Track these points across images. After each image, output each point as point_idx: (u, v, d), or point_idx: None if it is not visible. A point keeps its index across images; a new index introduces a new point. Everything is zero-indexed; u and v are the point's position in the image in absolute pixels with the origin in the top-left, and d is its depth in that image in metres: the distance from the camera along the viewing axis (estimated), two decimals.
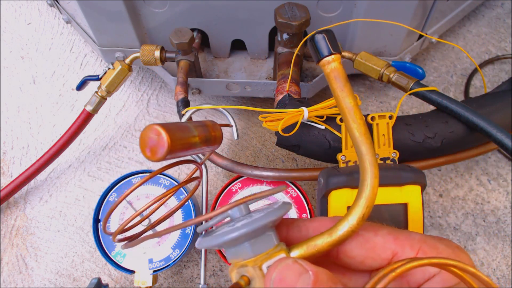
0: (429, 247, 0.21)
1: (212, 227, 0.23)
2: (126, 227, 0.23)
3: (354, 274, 0.23)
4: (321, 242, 0.22)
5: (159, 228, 0.42)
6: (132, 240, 0.23)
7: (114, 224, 0.43)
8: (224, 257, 0.41)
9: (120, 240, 0.23)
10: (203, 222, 0.23)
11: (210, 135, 0.23)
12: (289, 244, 0.22)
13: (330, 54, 0.23)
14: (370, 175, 0.22)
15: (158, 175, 0.44)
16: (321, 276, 0.19)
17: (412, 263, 0.19)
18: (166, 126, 0.19)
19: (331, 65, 0.24)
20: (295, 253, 0.22)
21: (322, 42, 0.24)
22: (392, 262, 0.21)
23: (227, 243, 0.21)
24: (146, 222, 0.41)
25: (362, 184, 0.22)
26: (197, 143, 0.22)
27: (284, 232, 0.24)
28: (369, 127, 0.36)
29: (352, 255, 0.22)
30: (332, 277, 0.19)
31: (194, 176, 0.26)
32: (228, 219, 0.23)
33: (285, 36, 0.41)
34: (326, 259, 0.23)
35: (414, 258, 0.19)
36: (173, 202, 0.43)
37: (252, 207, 0.26)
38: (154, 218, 0.42)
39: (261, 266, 0.20)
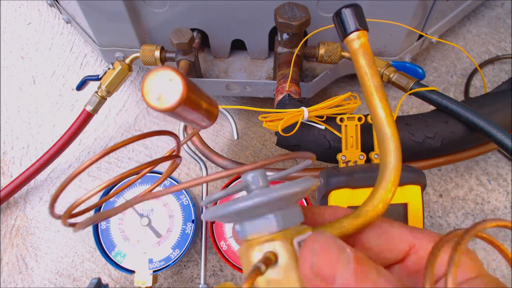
0: (444, 241, 0.20)
1: (216, 202, 0.21)
2: (75, 211, 0.20)
3: None
4: (348, 225, 0.20)
5: (159, 229, 0.42)
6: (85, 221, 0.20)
7: (114, 224, 0.42)
8: (224, 257, 0.41)
9: (72, 224, 0.20)
10: (192, 209, 0.21)
11: (212, 107, 0.20)
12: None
13: (358, 29, 0.22)
14: (394, 157, 0.20)
15: (157, 174, 0.44)
16: (361, 255, 0.18)
17: (478, 226, 0.17)
18: (182, 74, 0.16)
19: (360, 40, 0.22)
20: None
21: (349, 17, 0.22)
22: (419, 256, 0.20)
23: (248, 211, 0.18)
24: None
25: (385, 166, 0.20)
26: (203, 107, 0.19)
27: None
28: (369, 127, 0.36)
29: (369, 246, 0.21)
30: (371, 259, 0.18)
31: (171, 155, 0.22)
32: (237, 196, 0.20)
33: (285, 36, 0.41)
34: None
35: (477, 224, 0.17)
36: (173, 202, 0.43)
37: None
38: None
39: (292, 241, 0.18)
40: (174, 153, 0.22)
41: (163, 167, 0.49)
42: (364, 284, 0.16)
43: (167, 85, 0.16)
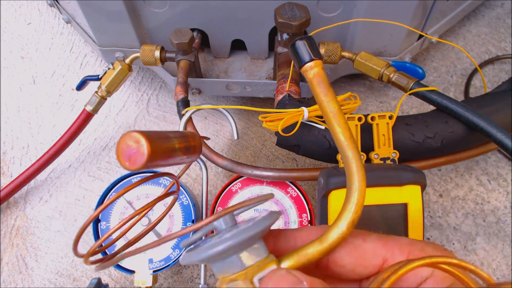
0: (418, 250, 0.21)
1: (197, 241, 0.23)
2: (98, 248, 0.23)
3: (344, 284, 0.23)
4: (312, 251, 0.21)
5: (159, 229, 0.42)
6: (105, 261, 0.22)
7: (114, 225, 0.43)
8: None
9: (93, 262, 0.22)
10: (189, 234, 0.22)
11: (190, 145, 0.22)
12: (277, 256, 0.21)
13: (311, 59, 0.23)
14: (357, 179, 0.21)
15: (158, 169, 0.44)
16: (316, 286, 0.19)
17: (407, 265, 0.18)
18: (145, 133, 0.18)
19: (313, 70, 0.24)
20: (285, 264, 0.21)
21: (303, 48, 0.24)
22: (383, 268, 0.21)
23: (214, 257, 0.19)
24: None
25: (350, 188, 0.21)
26: (177, 151, 0.21)
27: (271, 243, 0.23)
28: (369, 127, 0.36)
29: (342, 264, 0.22)
30: (327, 286, 0.19)
31: (170, 191, 0.25)
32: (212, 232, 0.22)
33: (285, 36, 0.41)
34: (316, 270, 0.22)
35: (408, 261, 0.19)
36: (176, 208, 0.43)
37: (241, 217, 0.25)
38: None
39: (252, 279, 0.20)
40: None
41: (174, 171, 0.49)
42: None
43: (134, 148, 0.18)
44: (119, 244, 0.41)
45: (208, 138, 0.29)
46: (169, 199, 0.43)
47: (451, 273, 0.19)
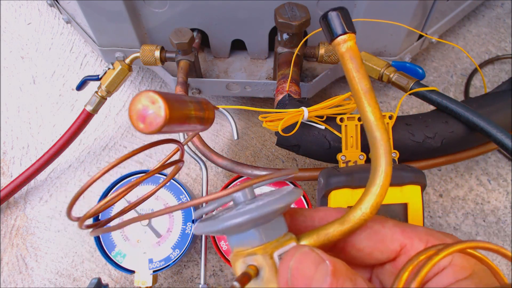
0: (436, 240, 0.20)
1: (211, 212, 0.22)
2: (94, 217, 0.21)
3: (359, 269, 0.23)
4: (333, 231, 0.20)
5: (159, 229, 0.42)
6: (99, 227, 0.21)
7: (113, 222, 0.42)
8: (224, 257, 0.41)
9: (88, 226, 0.21)
10: (202, 205, 0.21)
11: (204, 113, 0.21)
12: (296, 235, 0.21)
13: (345, 32, 0.22)
14: (384, 162, 0.20)
15: (158, 175, 0.44)
16: (339, 267, 0.18)
17: (442, 252, 0.17)
18: (163, 94, 0.17)
19: (347, 44, 0.22)
20: (304, 242, 0.20)
21: (336, 20, 0.22)
22: (410, 255, 0.20)
23: (232, 229, 0.19)
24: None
25: (375, 171, 0.20)
26: (192, 118, 0.19)
27: (288, 222, 0.22)
28: None
29: (361, 247, 0.21)
30: (350, 269, 0.18)
31: (175, 159, 0.23)
32: (229, 204, 0.21)
33: (285, 36, 0.41)
34: (331, 253, 0.22)
35: (441, 247, 0.18)
36: (173, 202, 0.43)
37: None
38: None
39: (272, 254, 0.19)
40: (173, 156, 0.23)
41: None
42: None
43: (150, 108, 0.16)
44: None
45: (217, 108, 0.27)
46: (169, 201, 0.43)
47: (480, 260, 0.19)
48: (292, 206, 0.42)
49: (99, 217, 0.43)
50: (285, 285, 0.18)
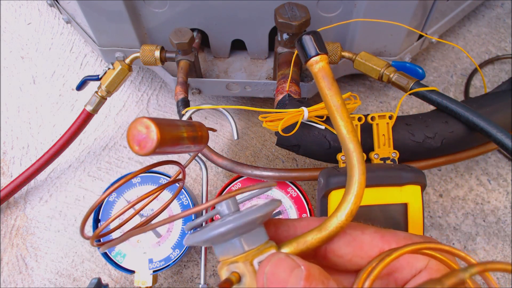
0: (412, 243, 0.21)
1: (202, 225, 0.23)
2: (102, 232, 0.24)
3: (341, 275, 0.24)
4: (311, 239, 0.22)
5: (159, 229, 0.42)
6: (108, 242, 0.23)
7: (113, 223, 0.42)
8: None
9: (99, 244, 0.23)
10: (193, 216, 0.23)
11: (197, 134, 0.23)
12: (277, 243, 0.22)
13: (317, 54, 0.24)
14: (357, 171, 0.22)
15: (158, 175, 0.44)
16: (313, 271, 0.19)
17: (392, 254, 0.19)
18: (155, 120, 0.19)
19: (319, 64, 0.24)
20: (285, 250, 0.22)
21: (309, 42, 0.25)
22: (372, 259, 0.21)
23: (216, 238, 0.20)
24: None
25: (350, 180, 0.22)
26: (185, 139, 0.21)
27: (273, 231, 0.24)
28: (369, 127, 0.36)
29: (340, 254, 0.22)
30: (324, 272, 0.19)
31: (177, 178, 0.26)
32: (217, 217, 0.23)
33: (285, 36, 0.41)
34: (314, 260, 0.23)
35: (392, 250, 0.19)
36: (173, 202, 0.43)
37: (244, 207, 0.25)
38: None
39: (252, 261, 0.20)
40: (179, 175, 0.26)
41: (174, 170, 0.49)
42: None
43: (144, 133, 0.18)
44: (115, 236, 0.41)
45: (215, 130, 0.29)
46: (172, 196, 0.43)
47: (437, 259, 0.20)
48: (296, 212, 0.43)
49: (100, 221, 0.43)
50: None
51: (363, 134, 0.36)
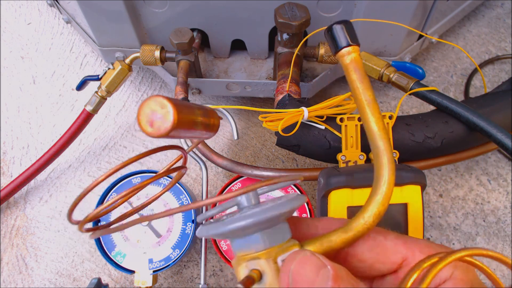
0: (435, 252, 0.20)
1: (213, 217, 0.22)
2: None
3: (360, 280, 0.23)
4: (336, 239, 0.20)
5: (159, 229, 0.42)
6: (100, 229, 0.21)
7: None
8: (224, 257, 0.41)
9: (88, 230, 0.21)
10: (202, 209, 0.21)
11: (210, 120, 0.21)
12: (299, 242, 0.21)
13: (349, 45, 0.23)
14: (387, 171, 0.21)
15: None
16: (341, 272, 0.18)
17: (443, 261, 0.18)
18: (172, 99, 0.17)
19: (351, 55, 0.23)
20: (308, 248, 0.20)
21: (340, 32, 0.23)
22: (408, 267, 0.20)
23: (237, 232, 0.19)
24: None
25: (378, 180, 0.21)
26: (199, 124, 0.20)
27: (292, 230, 0.22)
28: None
29: (363, 258, 0.21)
30: (351, 275, 0.18)
31: (178, 166, 0.24)
32: (233, 209, 0.21)
33: (285, 36, 0.41)
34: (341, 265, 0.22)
35: (441, 257, 0.18)
36: (173, 202, 0.43)
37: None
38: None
39: (276, 259, 0.19)
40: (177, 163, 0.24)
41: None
42: None
43: (159, 113, 0.17)
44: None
45: (221, 118, 0.27)
46: (170, 201, 0.43)
47: (480, 269, 0.19)
48: (295, 212, 0.42)
49: (99, 221, 0.43)
50: None
51: (363, 134, 0.36)
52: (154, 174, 0.43)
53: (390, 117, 0.36)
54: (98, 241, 0.42)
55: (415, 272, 0.18)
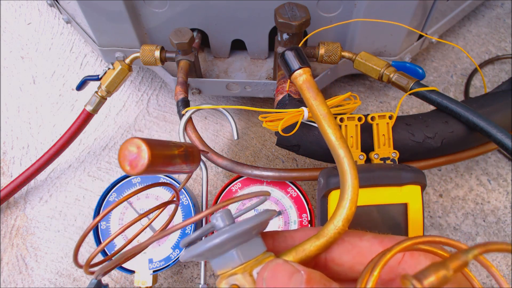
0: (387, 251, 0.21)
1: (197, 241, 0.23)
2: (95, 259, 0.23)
3: (343, 284, 0.23)
4: (310, 246, 0.21)
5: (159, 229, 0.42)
6: (104, 266, 0.23)
7: (114, 225, 0.43)
8: None
9: (92, 272, 0.23)
10: (203, 221, 0.23)
11: (189, 153, 0.23)
12: (277, 255, 0.22)
13: (300, 67, 0.25)
14: (350, 176, 0.22)
15: (158, 175, 0.44)
16: (314, 275, 0.19)
17: (387, 254, 0.18)
18: (146, 140, 0.19)
19: (302, 77, 0.25)
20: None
21: (291, 58, 0.26)
22: (390, 265, 0.21)
23: (212, 251, 0.20)
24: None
25: (343, 186, 0.22)
26: (176, 158, 0.22)
27: (270, 244, 0.23)
28: (369, 127, 0.36)
29: (340, 262, 0.22)
30: (325, 277, 0.19)
31: (170, 200, 0.26)
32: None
33: (285, 36, 0.41)
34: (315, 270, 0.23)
35: (385, 250, 0.19)
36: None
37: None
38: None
39: (251, 272, 0.20)
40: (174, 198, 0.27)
41: None
42: None
43: (135, 153, 0.19)
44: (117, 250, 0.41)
45: (207, 152, 0.30)
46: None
47: (432, 253, 0.20)
48: (295, 212, 0.43)
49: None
50: None
51: (363, 134, 0.36)
52: (153, 183, 0.44)
53: (390, 117, 0.36)
54: (98, 241, 0.42)
55: (369, 267, 0.19)
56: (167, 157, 0.20)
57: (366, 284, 0.17)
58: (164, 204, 0.25)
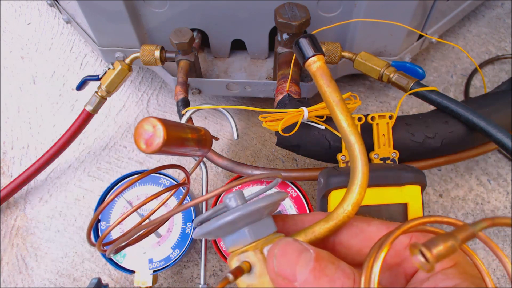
0: (420, 234, 0.22)
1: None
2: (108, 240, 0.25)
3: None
4: (319, 229, 0.22)
5: (159, 229, 0.42)
6: (114, 246, 0.23)
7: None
8: (224, 257, 0.41)
9: (104, 250, 0.24)
10: (202, 210, 0.23)
11: (201, 137, 0.23)
12: (286, 236, 0.22)
13: (314, 54, 0.26)
14: (360, 162, 0.22)
15: (158, 175, 0.44)
16: (322, 254, 0.19)
17: (395, 232, 0.19)
18: (162, 120, 0.19)
19: (316, 64, 0.26)
20: None
21: (306, 45, 0.26)
22: (397, 250, 0.21)
23: (224, 228, 0.20)
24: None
25: (354, 171, 0.22)
26: (189, 140, 0.22)
27: (280, 226, 0.24)
28: (369, 127, 0.36)
29: (348, 245, 0.23)
30: (333, 256, 0.20)
31: (180, 182, 0.27)
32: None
33: (285, 36, 0.41)
34: None
35: (394, 229, 0.19)
36: (173, 202, 0.43)
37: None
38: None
39: (262, 250, 0.20)
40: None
41: (174, 170, 0.49)
42: (321, 278, 0.18)
43: (151, 132, 0.19)
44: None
45: (217, 138, 0.30)
46: (170, 201, 0.43)
47: (437, 233, 0.20)
48: (295, 212, 0.43)
49: (99, 218, 0.43)
50: (273, 273, 0.19)
51: (363, 134, 0.36)
52: (153, 174, 0.44)
53: (390, 117, 0.36)
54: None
55: (374, 250, 0.19)
56: (181, 139, 0.21)
57: (373, 263, 0.18)
58: (176, 186, 0.25)
